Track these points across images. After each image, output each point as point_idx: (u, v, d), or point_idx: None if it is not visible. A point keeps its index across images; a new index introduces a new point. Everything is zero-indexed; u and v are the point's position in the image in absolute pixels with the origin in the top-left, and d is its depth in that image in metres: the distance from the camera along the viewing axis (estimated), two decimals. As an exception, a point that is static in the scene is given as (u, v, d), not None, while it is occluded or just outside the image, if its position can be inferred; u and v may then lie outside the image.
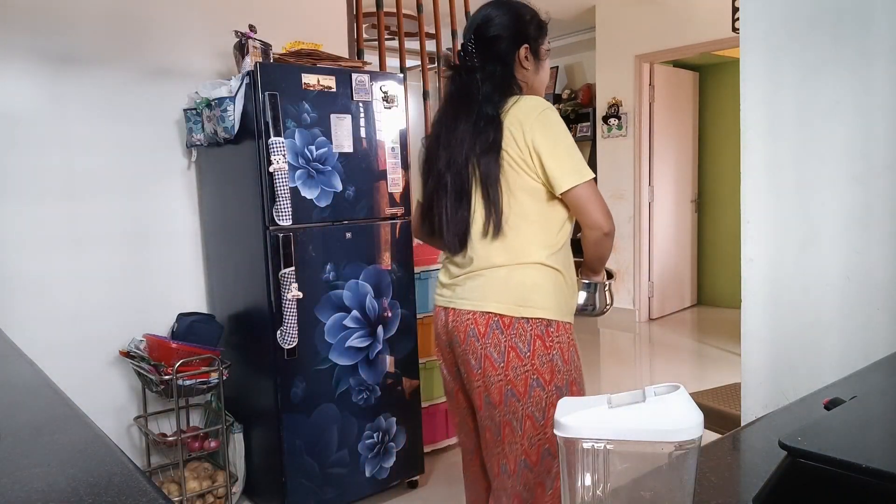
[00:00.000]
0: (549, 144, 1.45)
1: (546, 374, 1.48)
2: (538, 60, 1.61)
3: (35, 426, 0.91)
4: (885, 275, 1.22)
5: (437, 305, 1.64)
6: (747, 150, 1.40)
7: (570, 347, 1.52)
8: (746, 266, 1.41)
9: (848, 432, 0.65)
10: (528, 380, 1.47)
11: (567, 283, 1.54)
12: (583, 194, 1.45)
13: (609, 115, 5.80)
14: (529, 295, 1.48)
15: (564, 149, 1.46)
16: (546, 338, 1.48)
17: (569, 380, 1.51)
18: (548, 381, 1.48)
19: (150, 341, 2.44)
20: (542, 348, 1.48)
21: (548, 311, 1.49)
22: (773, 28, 1.35)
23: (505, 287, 1.50)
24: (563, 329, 1.51)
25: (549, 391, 1.49)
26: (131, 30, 2.54)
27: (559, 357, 1.49)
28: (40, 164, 2.37)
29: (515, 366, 1.47)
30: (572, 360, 1.52)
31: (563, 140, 1.47)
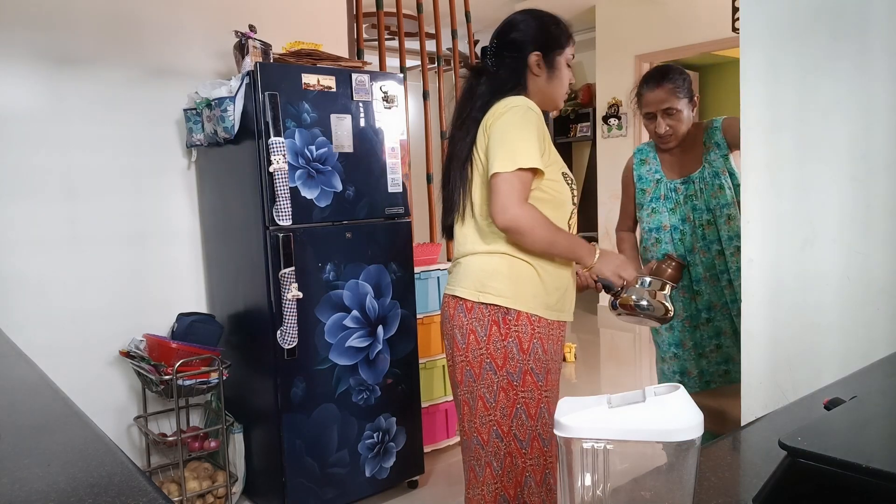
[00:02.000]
0: (498, 134, 1.49)
1: (499, 359, 1.54)
2: (551, 70, 1.62)
3: (35, 426, 0.91)
4: (885, 275, 1.22)
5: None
6: (747, 150, 1.40)
7: (534, 338, 1.54)
8: (746, 266, 1.41)
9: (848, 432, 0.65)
10: (483, 362, 1.55)
11: (540, 276, 1.56)
12: (496, 182, 1.47)
13: (609, 115, 5.81)
14: (488, 281, 1.55)
15: (510, 138, 1.48)
16: (502, 325, 1.54)
17: (523, 369, 1.54)
18: (500, 366, 1.54)
19: (150, 341, 2.44)
20: (497, 334, 1.54)
21: (504, 298, 1.53)
22: (773, 28, 1.35)
23: (470, 272, 1.58)
24: (526, 319, 1.54)
25: (501, 376, 1.54)
26: (131, 30, 2.54)
27: (515, 345, 1.53)
28: (40, 164, 2.37)
29: (473, 348, 1.56)
30: (533, 351, 1.54)
31: (513, 131, 1.48)
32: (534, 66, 1.61)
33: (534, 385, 1.55)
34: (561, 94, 1.67)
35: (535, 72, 1.61)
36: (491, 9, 5.55)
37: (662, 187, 2.08)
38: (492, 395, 1.56)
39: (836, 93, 1.26)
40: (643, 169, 2.14)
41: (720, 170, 2.01)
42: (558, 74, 1.64)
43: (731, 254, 1.97)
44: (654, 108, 2.00)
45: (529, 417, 1.56)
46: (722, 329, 2.06)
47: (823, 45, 1.27)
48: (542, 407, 1.57)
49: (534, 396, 1.56)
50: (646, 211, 2.11)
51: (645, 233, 2.13)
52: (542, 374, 1.56)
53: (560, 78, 1.65)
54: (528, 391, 1.55)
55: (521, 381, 1.55)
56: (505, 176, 1.46)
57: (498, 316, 1.54)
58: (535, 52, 1.60)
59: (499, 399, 1.56)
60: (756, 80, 1.37)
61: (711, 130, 2.05)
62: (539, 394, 1.56)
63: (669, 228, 2.06)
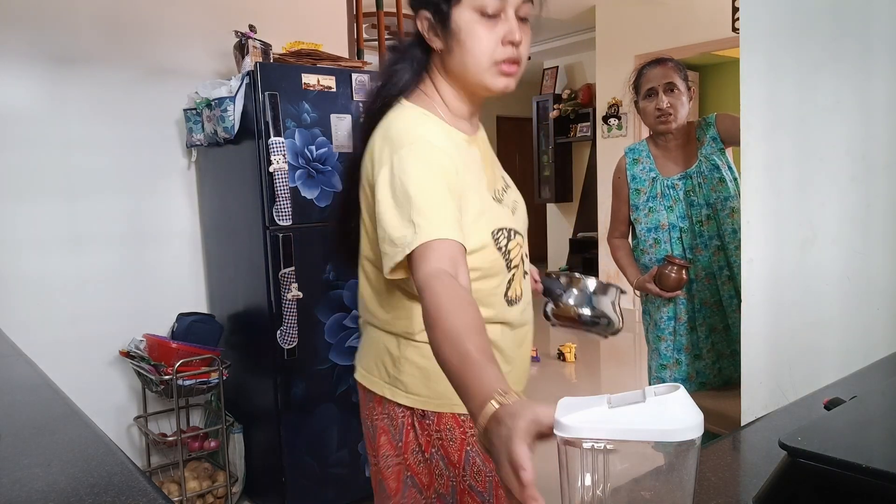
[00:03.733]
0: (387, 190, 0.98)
1: (423, 476, 1.11)
2: (448, 30, 1.02)
3: (35, 426, 0.91)
4: (885, 274, 1.22)
5: None
6: (747, 150, 1.40)
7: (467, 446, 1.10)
8: (746, 266, 1.41)
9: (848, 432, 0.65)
10: (401, 476, 1.13)
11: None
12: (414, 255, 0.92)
13: (609, 115, 5.81)
14: (393, 370, 1.11)
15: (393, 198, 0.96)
16: (420, 431, 1.10)
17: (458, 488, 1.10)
18: (425, 485, 1.12)
19: (150, 341, 2.44)
20: (415, 443, 1.11)
21: (416, 398, 1.10)
22: (773, 28, 1.35)
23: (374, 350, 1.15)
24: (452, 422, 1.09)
25: (430, 498, 1.12)
26: (131, 30, 2.54)
27: (441, 458, 1.10)
28: (40, 164, 2.37)
29: (387, 454, 1.14)
30: (468, 463, 1.09)
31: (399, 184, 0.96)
32: (426, 34, 1.05)
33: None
34: (481, 65, 1.02)
35: (431, 42, 1.05)
36: (491, 9, 5.55)
37: (659, 185, 2.06)
38: None
39: (836, 93, 1.25)
40: (636, 168, 2.11)
41: (719, 163, 2.00)
42: (464, 34, 1.01)
43: (734, 248, 1.94)
44: (655, 82, 1.99)
45: None
46: (713, 326, 2.05)
47: (823, 45, 1.27)
48: None
49: None
50: (642, 211, 2.08)
51: (642, 234, 2.10)
52: (487, 491, 1.10)
53: (463, 43, 1.01)
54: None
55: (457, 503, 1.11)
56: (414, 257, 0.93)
57: (413, 419, 1.10)
58: (423, 14, 1.04)
59: None
60: (756, 80, 1.37)
61: (705, 126, 2.05)
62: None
63: (668, 227, 2.04)
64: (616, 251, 2.20)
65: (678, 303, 2.05)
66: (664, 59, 2.04)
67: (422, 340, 1.07)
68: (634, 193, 2.11)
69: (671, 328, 2.07)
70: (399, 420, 1.11)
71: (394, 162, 0.98)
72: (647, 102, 2.03)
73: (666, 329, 2.07)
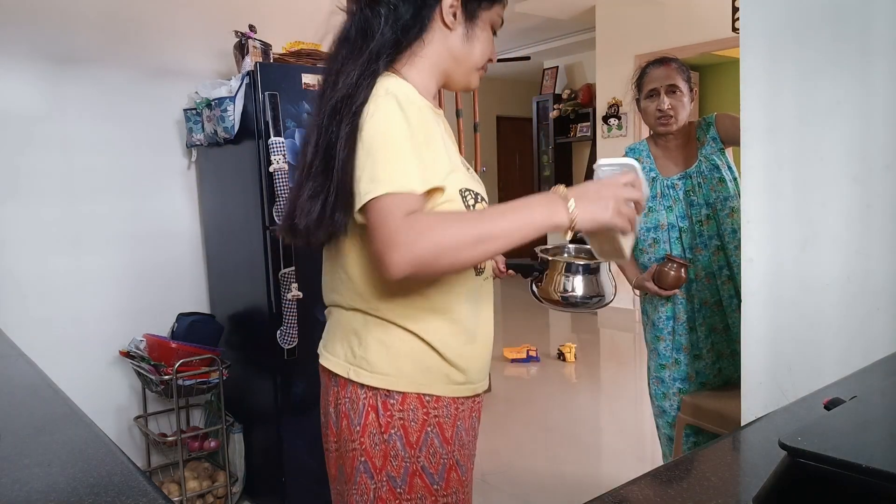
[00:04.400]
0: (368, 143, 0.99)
1: (377, 458, 1.12)
2: (470, 24, 1.12)
3: (35, 426, 0.91)
4: (885, 275, 1.22)
5: None
6: (747, 150, 1.40)
7: (428, 426, 1.13)
8: (746, 266, 1.41)
9: (848, 432, 0.65)
10: (356, 460, 1.14)
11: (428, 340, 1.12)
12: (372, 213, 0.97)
13: (609, 115, 5.81)
14: (358, 349, 1.13)
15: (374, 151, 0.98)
16: (382, 412, 1.11)
17: (409, 469, 1.12)
18: (378, 468, 1.12)
19: (150, 341, 2.44)
20: (374, 424, 1.12)
21: (382, 377, 1.11)
22: (773, 28, 1.35)
23: (339, 332, 1.18)
24: (416, 402, 1.12)
25: (379, 482, 1.12)
26: (131, 30, 2.54)
27: (400, 438, 1.11)
28: (40, 164, 2.38)
29: (346, 438, 1.16)
30: (425, 444, 1.12)
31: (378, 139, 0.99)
32: (447, 14, 1.09)
33: (425, 490, 1.12)
34: (475, 65, 1.16)
35: (448, 22, 1.10)
36: (491, 9, 5.55)
37: (658, 185, 2.06)
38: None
39: (837, 93, 1.26)
40: None
41: (719, 163, 2.00)
42: (478, 35, 1.13)
43: (734, 248, 1.95)
44: (658, 83, 2.00)
45: None
46: (713, 326, 2.05)
47: (823, 45, 1.27)
48: None
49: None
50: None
51: (641, 234, 2.09)
52: (439, 473, 1.13)
53: (479, 40, 1.14)
54: (416, 499, 1.12)
55: (406, 487, 1.12)
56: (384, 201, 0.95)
57: (376, 400, 1.11)
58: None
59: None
60: (756, 80, 1.37)
61: (705, 126, 2.06)
62: (433, 501, 1.13)
63: (667, 227, 2.04)
64: None
65: (676, 303, 2.05)
66: (668, 60, 2.04)
67: (388, 320, 1.11)
68: None
69: (670, 328, 2.07)
70: (360, 402, 1.13)
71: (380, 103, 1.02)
72: (648, 102, 2.03)
73: (664, 329, 2.07)
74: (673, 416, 2.08)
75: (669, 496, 0.65)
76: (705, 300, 2.03)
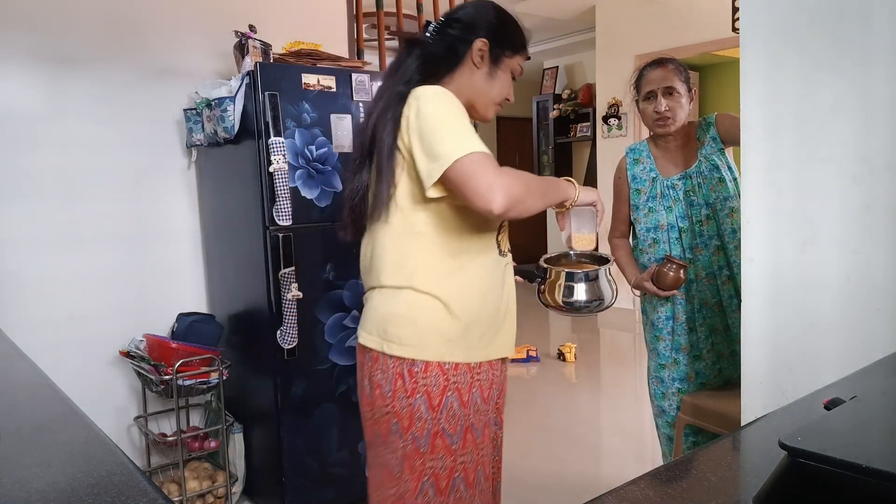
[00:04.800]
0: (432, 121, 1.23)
1: (405, 420, 1.29)
2: (494, 67, 1.38)
3: (35, 426, 0.91)
4: (885, 275, 1.22)
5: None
6: (747, 150, 1.40)
7: (448, 391, 1.30)
8: (746, 266, 1.41)
9: (848, 432, 0.65)
10: (389, 423, 1.30)
11: (452, 312, 1.30)
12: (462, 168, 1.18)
13: (609, 115, 5.81)
14: (388, 326, 1.30)
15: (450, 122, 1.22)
16: (408, 378, 1.29)
17: (432, 430, 1.28)
18: (405, 428, 1.29)
19: (150, 341, 2.44)
20: (402, 389, 1.29)
21: (408, 348, 1.29)
22: (773, 28, 1.35)
23: (372, 313, 1.36)
24: (437, 370, 1.29)
25: (406, 441, 1.29)
26: (131, 30, 2.54)
27: (423, 402, 1.28)
28: (40, 164, 2.38)
29: (380, 405, 1.32)
30: (445, 407, 1.29)
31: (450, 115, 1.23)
32: (476, 53, 1.35)
33: (445, 450, 1.30)
34: (493, 100, 1.40)
35: (476, 61, 1.36)
36: (491, 9, 5.55)
37: (658, 185, 2.06)
38: (397, 463, 1.31)
39: (837, 93, 1.25)
40: (637, 168, 2.12)
41: (719, 164, 2.00)
42: (499, 77, 1.39)
43: (734, 248, 1.95)
44: (655, 85, 2.00)
45: (438, 492, 1.30)
46: (713, 326, 2.05)
47: (824, 44, 1.27)
48: (457, 476, 1.31)
49: (444, 465, 1.30)
50: (642, 211, 2.09)
51: (641, 234, 2.10)
52: (457, 434, 1.31)
53: (500, 81, 1.39)
54: (437, 459, 1.29)
55: (428, 447, 1.29)
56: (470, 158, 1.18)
57: (403, 368, 1.29)
58: (483, 39, 1.35)
59: (403, 469, 1.30)
60: (756, 80, 1.37)
61: (705, 126, 2.06)
62: (452, 460, 1.30)
63: (667, 227, 2.04)
64: (616, 250, 2.20)
65: (676, 303, 2.05)
66: (665, 61, 2.03)
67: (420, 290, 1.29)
68: (635, 193, 2.11)
69: (669, 328, 2.07)
70: (390, 371, 1.30)
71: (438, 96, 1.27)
72: (646, 104, 2.04)
73: (664, 329, 2.07)
74: (672, 415, 2.08)
75: (669, 496, 0.65)
76: (706, 300, 2.03)
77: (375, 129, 1.31)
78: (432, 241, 1.30)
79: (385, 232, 1.32)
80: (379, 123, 1.30)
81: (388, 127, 1.28)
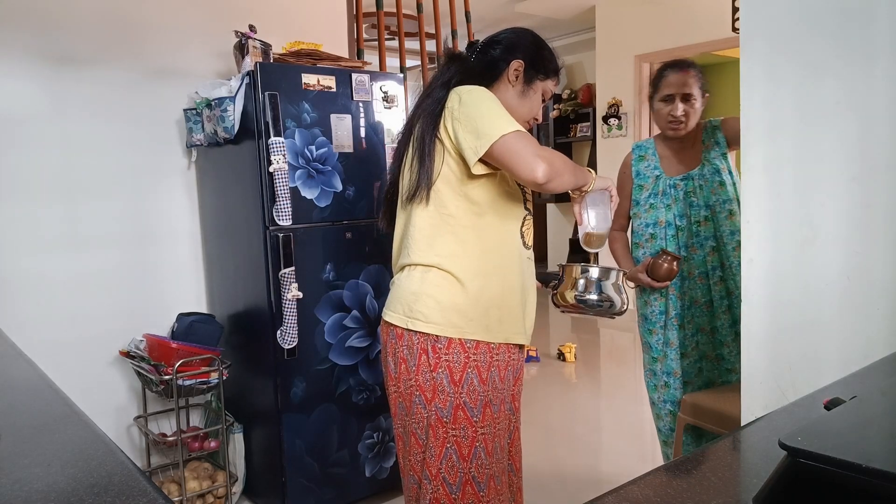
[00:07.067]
0: (476, 108, 1.37)
1: (428, 392, 1.40)
2: (527, 87, 1.52)
3: (35, 426, 0.91)
4: (885, 275, 1.22)
5: None
6: (747, 150, 1.40)
7: (469, 368, 1.40)
8: (746, 266, 1.41)
9: (848, 432, 0.65)
10: (413, 395, 1.42)
11: (475, 295, 1.41)
12: (507, 144, 1.32)
13: (609, 115, 5.81)
14: (414, 304, 1.42)
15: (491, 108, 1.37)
16: (431, 354, 1.39)
17: (454, 403, 1.39)
18: (428, 400, 1.40)
19: (150, 341, 2.44)
20: (426, 364, 1.40)
21: (432, 325, 1.39)
22: (773, 28, 1.35)
23: (399, 293, 1.47)
24: (459, 347, 1.40)
25: (430, 411, 1.40)
26: (131, 30, 2.54)
27: (445, 376, 1.39)
28: (40, 164, 2.37)
29: (405, 378, 1.43)
30: (466, 382, 1.40)
31: (490, 103, 1.38)
32: (511, 73, 1.50)
33: (466, 421, 1.40)
34: (523, 117, 1.53)
35: (511, 80, 1.51)
36: (491, 9, 5.55)
37: (661, 183, 2.10)
38: (422, 431, 1.42)
39: (837, 93, 1.26)
40: (642, 165, 2.15)
41: (720, 167, 2.04)
42: (530, 97, 1.53)
43: (731, 249, 2.00)
44: (674, 90, 2.02)
45: (461, 459, 1.40)
46: (700, 326, 2.08)
47: (824, 45, 1.27)
48: (478, 446, 1.41)
49: (466, 434, 1.40)
50: (643, 206, 2.13)
51: (640, 229, 2.14)
52: (477, 408, 1.41)
53: (530, 100, 1.53)
54: (459, 429, 1.40)
55: (451, 418, 1.39)
56: (513, 135, 1.33)
57: (427, 344, 1.40)
58: (519, 60, 1.50)
59: (428, 437, 1.41)
60: (756, 80, 1.37)
61: (711, 129, 2.09)
62: (473, 431, 1.41)
63: (665, 224, 2.08)
64: (613, 242, 2.24)
65: (668, 298, 2.08)
66: (687, 66, 2.06)
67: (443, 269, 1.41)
68: (637, 189, 2.15)
69: (662, 322, 2.12)
70: (415, 347, 1.41)
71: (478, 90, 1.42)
72: (662, 105, 2.06)
73: (656, 323, 2.13)
74: (660, 408, 2.14)
75: (669, 496, 0.65)
76: (696, 299, 2.07)
77: (415, 123, 1.47)
78: (461, 224, 1.42)
79: (421, 213, 1.44)
80: (420, 118, 1.46)
81: (429, 120, 1.43)
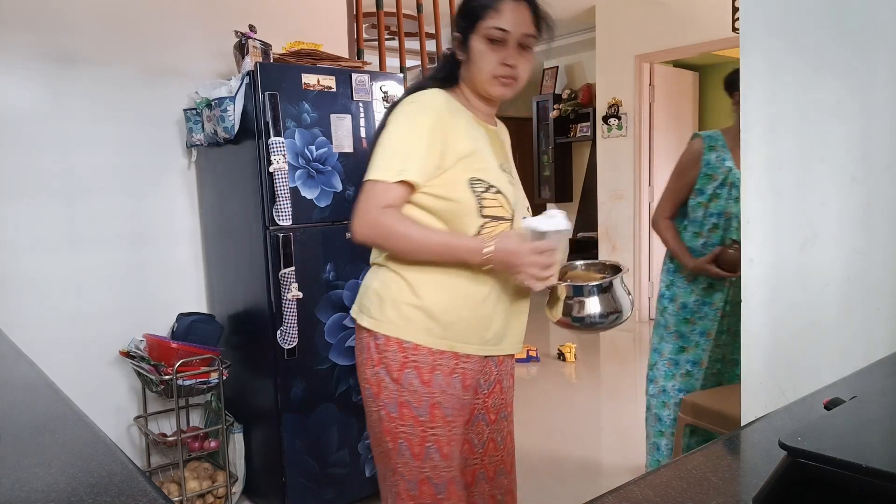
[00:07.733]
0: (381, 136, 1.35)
1: (374, 386, 1.37)
2: (467, 50, 1.38)
3: (35, 426, 0.91)
4: (885, 275, 1.22)
5: None
6: (747, 150, 1.40)
7: (407, 368, 1.33)
8: (746, 266, 1.41)
9: (848, 432, 0.65)
10: (365, 387, 1.40)
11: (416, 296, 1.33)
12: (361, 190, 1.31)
13: (609, 115, 5.80)
14: (363, 298, 1.42)
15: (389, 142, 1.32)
16: (374, 349, 1.36)
17: (398, 400, 1.34)
18: (376, 394, 1.36)
19: (150, 341, 2.44)
20: (371, 359, 1.37)
21: (371, 320, 1.37)
22: (773, 28, 1.35)
23: (361, 287, 1.48)
24: (396, 346, 1.33)
25: (379, 405, 1.36)
26: (131, 30, 2.54)
27: (385, 373, 1.34)
28: (40, 164, 2.37)
29: (361, 370, 1.41)
30: (406, 382, 1.33)
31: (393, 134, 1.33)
32: (457, 51, 1.42)
33: (413, 420, 1.34)
34: (481, 79, 1.37)
35: (459, 57, 1.42)
36: (491, 9, 5.55)
37: (731, 176, 2.11)
38: (376, 424, 1.39)
39: (837, 93, 1.25)
40: (712, 155, 2.15)
41: None
42: (475, 54, 1.36)
43: None
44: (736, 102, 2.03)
45: (414, 457, 1.35)
46: (730, 326, 2.10)
47: (824, 44, 1.27)
48: (430, 447, 1.34)
49: (415, 433, 1.34)
50: (707, 195, 2.13)
51: (702, 218, 2.15)
52: (422, 407, 1.33)
53: (474, 60, 1.36)
54: (407, 425, 1.34)
55: (397, 413, 1.34)
56: (369, 184, 1.29)
57: (371, 340, 1.36)
58: (455, 35, 1.42)
59: (382, 430, 1.37)
60: (756, 80, 1.37)
61: None
62: (422, 430, 1.34)
63: (731, 216, 2.09)
64: (667, 232, 2.23)
65: (716, 290, 2.09)
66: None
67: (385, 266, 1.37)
68: (705, 178, 2.14)
69: (702, 313, 2.12)
70: (364, 341, 1.38)
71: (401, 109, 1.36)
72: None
73: (696, 313, 2.12)
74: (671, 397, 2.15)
75: (669, 496, 0.65)
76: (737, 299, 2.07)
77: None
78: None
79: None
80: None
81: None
